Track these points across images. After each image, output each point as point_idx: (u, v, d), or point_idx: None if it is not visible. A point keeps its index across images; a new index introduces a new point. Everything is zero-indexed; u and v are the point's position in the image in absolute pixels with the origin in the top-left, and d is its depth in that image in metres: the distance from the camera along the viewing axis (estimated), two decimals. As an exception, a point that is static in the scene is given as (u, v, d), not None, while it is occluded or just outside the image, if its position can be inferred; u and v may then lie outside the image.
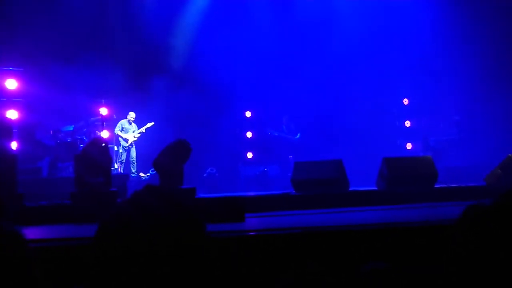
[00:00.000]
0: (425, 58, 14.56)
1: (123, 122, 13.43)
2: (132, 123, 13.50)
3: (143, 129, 13.44)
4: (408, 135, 15.33)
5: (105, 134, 12.40)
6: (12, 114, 11.07)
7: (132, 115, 13.46)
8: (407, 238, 4.52)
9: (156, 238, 1.34)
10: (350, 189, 9.51)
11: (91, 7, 13.27)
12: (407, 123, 15.41)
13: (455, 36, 13.91)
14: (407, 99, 15.43)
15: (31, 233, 4.99)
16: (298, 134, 14.51)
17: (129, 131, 13.42)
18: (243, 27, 14.49)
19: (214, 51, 14.17)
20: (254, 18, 14.74)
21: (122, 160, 13.26)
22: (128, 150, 13.38)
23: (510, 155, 9.49)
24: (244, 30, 14.46)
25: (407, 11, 14.57)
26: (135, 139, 13.41)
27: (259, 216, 6.89)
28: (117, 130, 13.34)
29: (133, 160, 13.41)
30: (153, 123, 13.45)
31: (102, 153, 7.92)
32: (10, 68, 11.56)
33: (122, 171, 12.83)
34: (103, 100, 12.84)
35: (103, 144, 8.18)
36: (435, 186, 9.40)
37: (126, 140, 13.32)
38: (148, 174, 12.93)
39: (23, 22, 12.26)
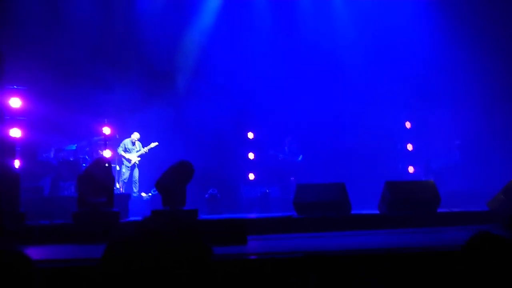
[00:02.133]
0: (427, 81, 14.62)
1: (126, 142, 13.42)
2: (136, 143, 13.48)
3: (146, 149, 13.41)
4: (410, 158, 15.30)
5: (107, 153, 12.41)
6: (16, 133, 11.08)
7: (136, 135, 13.44)
8: (409, 263, 4.49)
9: (162, 262, 1.34)
10: (352, 212, 9.48)
11: (95, 27, 13.39)
12: (409, 147, 15.39)
13: (457, 59, 13.96)
14: (409, 122, 15.44)
15: (32, 253, 4.96)
16: (300, 156, 14.49)
17: (132, 151, 13.40)
18: (247, 48, 14.57)
19: (218, 72, 14.24)
20: (258, 39, 14.79)
21: (125, 180, 13.24)
22: (131, 170, 13.38)
23: (512, 180, 9.43)
24: (247, 51, 14.54)
25: (410, 34, 14.65)
26: (139, 159, 13.40)
27: (262, 239, 6.86)
28: (120, 150, 13.34)
29: (136, 180, 13.39)
30: (157, 143, 13.42)
31: (105, 173, 7.93)
32: (14, 86, 11.61)
33: (123, 191, 12.80)
34: (105, 120, 12.87)
35: (107, 165, 8.19)
36: (437, 210, 9.36)
37: (129, 160, 13.31)
38: (150, 194, 12.90)
39: (27, 42, 12.36)
